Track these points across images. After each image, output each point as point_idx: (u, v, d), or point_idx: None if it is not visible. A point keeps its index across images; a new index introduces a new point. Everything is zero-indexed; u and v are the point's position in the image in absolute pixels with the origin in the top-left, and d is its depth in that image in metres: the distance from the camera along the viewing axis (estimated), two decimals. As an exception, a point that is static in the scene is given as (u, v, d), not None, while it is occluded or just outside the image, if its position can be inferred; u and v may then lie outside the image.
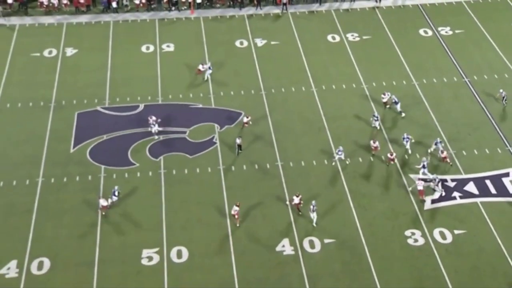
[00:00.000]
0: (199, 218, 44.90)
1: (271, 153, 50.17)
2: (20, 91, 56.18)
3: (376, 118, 51.98)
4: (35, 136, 51.56)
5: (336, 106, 54.97)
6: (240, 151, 49.70)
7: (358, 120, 53.36)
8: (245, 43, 63.03)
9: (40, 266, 41.62)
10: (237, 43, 63.02)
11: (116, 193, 45.29)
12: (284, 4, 67.18)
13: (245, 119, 52.08)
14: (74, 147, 50.67)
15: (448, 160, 48.64)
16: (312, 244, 43.20)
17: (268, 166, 48.98)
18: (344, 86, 57.24)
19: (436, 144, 49.25)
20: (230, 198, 46.27)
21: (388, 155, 48.69)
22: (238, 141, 49.72)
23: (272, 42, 63.05)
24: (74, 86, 57.02)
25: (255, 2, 67.82)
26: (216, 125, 52.96)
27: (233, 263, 41.96)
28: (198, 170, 48.65)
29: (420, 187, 45.90)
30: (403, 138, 49.78)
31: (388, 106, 54.02)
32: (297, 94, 56.37)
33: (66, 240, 43.25)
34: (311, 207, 43.68)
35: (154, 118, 51.48)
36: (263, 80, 57.89)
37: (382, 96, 54.08)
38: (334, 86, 57.18)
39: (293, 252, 42.65)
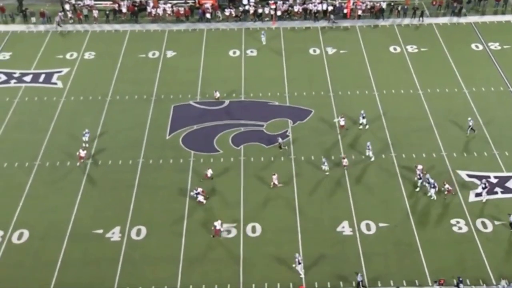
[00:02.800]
0: (272, 199, 44.68)
1: (336, 146, 49.45)
2: (128, 86, 57.14)
3: (363, 116, 50.73)
4: (138, 124, 52.35)
5: (395, 108, 53.76)
6: (281, 148, 48.86)
7: (414, 121, 52.04)
8: (318, 51, 62.34)
9: (138, 232, 42.27)
10: (311, 51, 62.39)
11: (196, 192, 44.12)
12: (360, 15, 66.42)
13: (342, 122, 50.65)
14: (169, 135, 51.21)
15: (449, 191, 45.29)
16: (368, 227, 42.44)
17: (332, 157, 48.32)
18: (402, 91, 55.92)
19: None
20: (299, 183, 45.89)
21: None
22: (280, 140, 49.03)
23: (341, 51, 62.13)
24: (172, 83, 57.60)
25: (328, 15, 67.01)
26: (289, 120, 52.60)
27: (299, 240, 41.63)
28: (272, 159, 48.42)
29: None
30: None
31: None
32: (361, 96, 55.40)
33: (160, 212, 43.78)
34: (296, 260, 39.09)
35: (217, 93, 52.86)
36: (331, 83, 57.15)
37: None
38: (393, 91, 55.95)
39: (351, 233, 42.00)
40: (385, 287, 38.46)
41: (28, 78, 58.43)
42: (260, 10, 67.44)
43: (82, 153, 47.55)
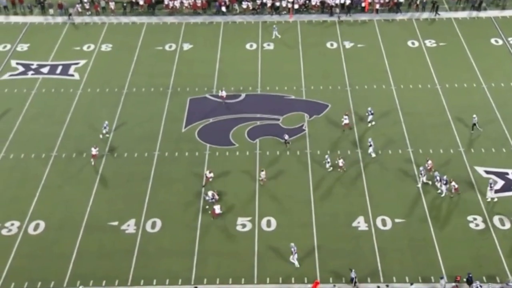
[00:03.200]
0: (287, 194, 44.51)
1: (351, 140, 49.15)
2: (144, 78, 57.16)
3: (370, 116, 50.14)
4: (154, 116, 52.37)
5: (412, 103, 53.29)
6: (286, 145, 48.42)
7: (431, 116, 51.55)
8: (335, 45, 61.91)
9: (153, 225, 42.32)
10: (328, 44, 61.97)
11: (210, 195, 43.40)
12: (377, 10, 65.94)
13: (346, 121, 49.69)
14: (185, 127, 51.17)
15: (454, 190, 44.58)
16: (384, 222, 42.15)
17: (348, 152, 48.03)
18: (420, 86, 55.39)
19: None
20: (315, 178, 45.70)
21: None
22: (286, 137, 48.58)
23: (359, 45, 61.66)
24: (188, 75, 57.52)
25: (346, 9, 66.54)
26: (305, 114, 52.34)
27: (314, 234, 41.44)
28: (288, 153, 48.22)
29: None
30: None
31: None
32: (378, 91, 54.97)
33: (175, 205, 43.80)
34: (292, 250, 39.24)
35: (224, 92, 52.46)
36: (348, 77, 56.75)
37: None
38: (411, 86, 55.45)
39: (367, 228, 41.74)
40: (400, 283, 38.21)
41: (45, 70, 58.66)
42: (277, 3, 67.05)
43: (94, 150, 47.03)
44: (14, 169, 47.17)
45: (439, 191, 44.07)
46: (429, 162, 45.50)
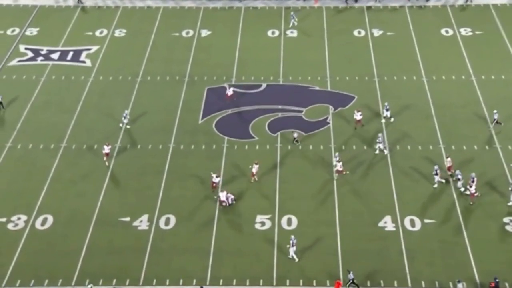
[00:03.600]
0: (309, 191, 44.41)
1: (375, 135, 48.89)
2: (160, 66, 57.35)
3: (387, 108, 49.53)
4: (169, 106, 52.51)
5: (445, 96, 52.83)
6: (294, 143, 48.12)
7: (465, 110, 51.07)
8: (363, 33, 61.57)
9: (167, 222, 42.46)
10: (355, 32, 61.65)
11: (231, 200, 43.59)
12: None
13: (358, 117, 49.24)
14: (202, 119, 51.25)
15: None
16: (412, 223, 41.88)
17: (377, 147, 47.72)
18: (453, 77, 54.91)
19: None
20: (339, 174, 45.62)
21: None
22: (295, 135, 48.33)
23: (388, 33, 61.27)
24: (206, 64, 57.59)
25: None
26: (330, 106, 52.13)
27: (338, 233, 41.31)
28: (311, 147, 48.08)
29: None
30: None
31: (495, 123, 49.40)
32: (408, 82, 54.59)
33: (190, 201, 43.87)
34: (291, 242, 39.39)
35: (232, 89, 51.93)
36: (377, 67, 56.43)
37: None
38: (444, 77, 54.97)
39: (394, 229, 41.48)
40: (429, 288, 38.08)
41: (55, 56, 59.06)
42: (301, -12, 66.88)
43: (107, 149, 46.59)
44: (21, 160, 47.61)
45: (462, 189, 43.59)
46: (449, 159, 45.01)
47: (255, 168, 44.69)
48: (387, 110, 49.84)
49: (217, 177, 44.09)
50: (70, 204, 43.83)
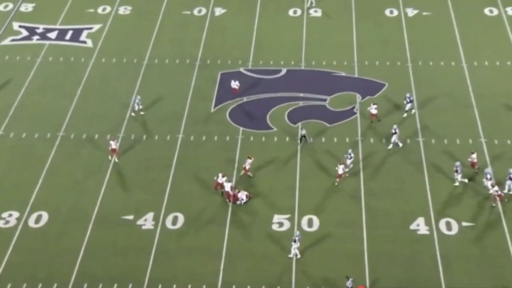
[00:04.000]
0: (332, 188, 44.40)
1: (412, 128, 48.71)
2: (169, 47, 57.58)
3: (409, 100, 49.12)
4: (178, 93, 52.68)
5: (487, 83, 52.64)
6: (300, 142, 47.74)
7: (509, 100, 50.76)
8: (395, 12, 61.41)
9: (175, 221, 42.60)
10: (387, 12, 61.51)
11: (245, 198, 43.80)
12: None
13: (374, 110, 48.85)
14: (215, 107, 51.35)
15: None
16: (449, 226, 41.73)
17: (408, 141, 47.62)
18: (497, 63, 54.70)
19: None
20: (366, 170, 45.48)
21: None
22: (303, 132, 47.87)
23: (424, 13, 61.10)
24: (220, 46, 57.72)
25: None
26: (357, 95, 52.03)
27: (364, 236, 41.25)
28: (335, 140, 48.04)
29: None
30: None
31: None
32: (446, 68, 54.40)
33: (200, 198, 44.00)
34: (296, 238, 39.59)
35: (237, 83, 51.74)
36: (410, 51, 56.29)
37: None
38: (486, 63, 54.74)
39: (428, 232, 41.35)
40: (466, 299, 38.00)
41: (53, 35, 59.40)
42: (327, -38, 66.67)
43: (113, 144, 46.22)
44: (14, 151, 47.99)
45: (491, 191, 43.07)
46: (473, 156, 44.76)
47: (247, 163, 44.59)
48: (409, 101, 49.52)
49: (223, 176, 43.79)
50: (68, 200, 44.09)
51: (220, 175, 43.77)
